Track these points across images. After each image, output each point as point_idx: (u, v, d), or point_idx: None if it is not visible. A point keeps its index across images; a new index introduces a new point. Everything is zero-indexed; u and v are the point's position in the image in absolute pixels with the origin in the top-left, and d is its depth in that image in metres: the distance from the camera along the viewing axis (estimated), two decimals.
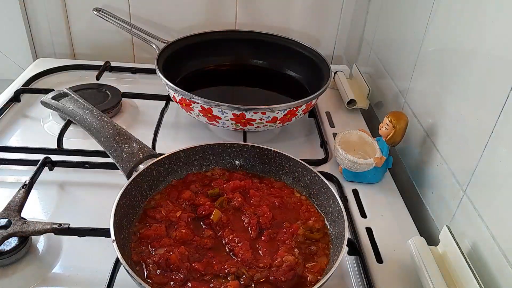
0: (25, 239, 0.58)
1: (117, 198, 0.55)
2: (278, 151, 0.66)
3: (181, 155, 0.65)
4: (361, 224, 0.68)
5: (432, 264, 0.55)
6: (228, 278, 0.51)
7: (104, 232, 0.56)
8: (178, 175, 0.65)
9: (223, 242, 0.56)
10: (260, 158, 0.67)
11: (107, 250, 0.56)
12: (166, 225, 0.57)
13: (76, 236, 0.58)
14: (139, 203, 0.60)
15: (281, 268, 0.52)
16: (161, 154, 0.64)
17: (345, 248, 0.52)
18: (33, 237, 0.60)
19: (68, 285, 0.56)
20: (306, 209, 0.62)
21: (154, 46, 0.94)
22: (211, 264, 0.53)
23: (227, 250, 0.55)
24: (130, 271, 0.47)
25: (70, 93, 0.72)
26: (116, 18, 1.01)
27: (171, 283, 0.50)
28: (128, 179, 0.59)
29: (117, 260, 0.55)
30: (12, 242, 0.57)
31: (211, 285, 0.50)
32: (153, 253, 0.53)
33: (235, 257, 0.54)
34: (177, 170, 0.65)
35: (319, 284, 0.48)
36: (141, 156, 0.62)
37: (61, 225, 0.57)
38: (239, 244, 0.55)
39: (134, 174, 0.59)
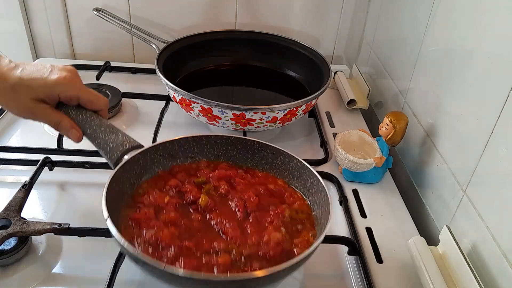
0: (25, 239, 0.58)
1: (107, 183, 0.53)
2: (260, 141, 0.66)
3: (167, 146, 0.65)
4: (361, 224, 0.68)
5: (432, 264, 0.55)
6: (219, 254, 0.51)
7: (104, 232, 0.56)
8: (164, 165, 0.65)
9: (212, 223, 0.56)
10: (244, 149, 0.67)
11: (107, 250, 0.56)
12: (155, 210, 0.56)
13: (76, 236, 0.59)
14: (127, 190, 0.59)
15: (269, 244, 0.53)
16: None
17: (331, 218, 0.52)
18: (33, 237, 0.60)
19: (68, 285, 0.56)
20: (290, 194, 0.62)
21: (154, 46, 0.94)
22: (201, 243, 0.53)
23: (216, 230, 0.56)
24: (125, 245, 0.46)
25: None
26: (116, 18, 1.01)
27: (164, 259, 0.49)
28: (114, 168, 0.58)
29: (117, 260, 0.55)
30: (12, 242, 0.57)
31: (203, 260, 0.50)
32: (144, 234, 0.52)
33: (224, 236, 0.54)
34: (162, 161, 0.65)
35: (308, 251, 0.49)
36: (127, 146, 0.61)
37: (61, 225, 0.57)
38: (227, 225, 0.55)
39: (123, 161, 0.59)
